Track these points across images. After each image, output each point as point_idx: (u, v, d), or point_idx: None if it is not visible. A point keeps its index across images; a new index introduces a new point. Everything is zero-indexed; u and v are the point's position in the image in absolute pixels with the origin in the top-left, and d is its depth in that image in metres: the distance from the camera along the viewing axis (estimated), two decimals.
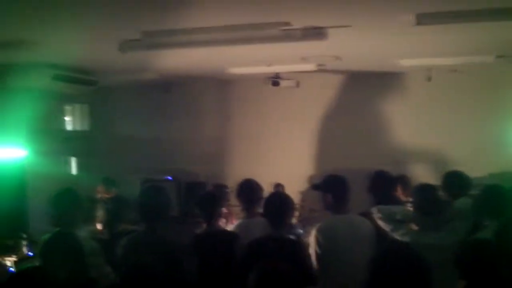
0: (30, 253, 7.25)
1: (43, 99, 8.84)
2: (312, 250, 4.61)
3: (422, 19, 5.30)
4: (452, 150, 9.40)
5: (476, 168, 8.81)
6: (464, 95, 9.68)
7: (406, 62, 8.29)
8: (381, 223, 4.79)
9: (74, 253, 4.27)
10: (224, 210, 6.83)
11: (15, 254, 7.35)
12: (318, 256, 4.55)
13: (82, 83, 8.37)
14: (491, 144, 9.43)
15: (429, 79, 9.21)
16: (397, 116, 9.95)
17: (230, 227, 5.36)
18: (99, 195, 8.09)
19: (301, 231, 7.01)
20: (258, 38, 5.89)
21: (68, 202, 4.53)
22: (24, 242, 7.51)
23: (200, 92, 10.63)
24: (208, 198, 5.08)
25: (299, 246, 4.65)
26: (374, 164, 8.45)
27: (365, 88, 10.08)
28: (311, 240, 4.67)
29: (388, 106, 10.02)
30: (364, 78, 9.91)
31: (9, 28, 5.35)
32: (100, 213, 7.01)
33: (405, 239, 4.50)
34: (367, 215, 5.05)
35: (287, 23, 5.43)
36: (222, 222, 5.73)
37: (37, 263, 4.50)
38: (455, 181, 5.45)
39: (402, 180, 6.88)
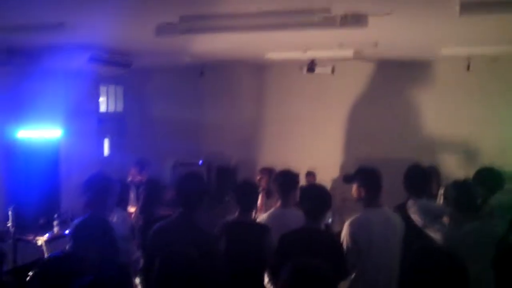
0: (62, 233, 7.30)
1: (79, 80, 8.91)
2: (345, 243, 4.54)
3: (466, 8, 5.13)
4: (490, 142, 9.22)
5: None
6: (504, 85, 9.46)
7: (446, 51, 8.10)
8: (415, 217, 4.69)
9: (105, 237, 4.28)
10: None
11: (47, 233, 7.43)
12: (350, 250, 4.48)
13: (117, 65, 8.38)
14: None
15: (468, 68, 9.02)
16: (434, 106, 9.77)
17: (263, 216, 5.29)
18: (131, 178, 8.10)
19: (330, 220, 6.95)
20: (296, 24, 5.77)
21: (100, 186, 4.52)
22: (56, 222, 7.58)
23: (234, 76, 10.59)
24: (246, 187, 5.00)
25: (334, 240, 4.58)
26: (408, 153, 8.35)
27: (401, 76, 9.91)
28: (344, 234, 4.60)
29: (424, 95, 9.84)
30: (401, 66, 9.73)
31: (48, 11, 5.33)
32: (132, 196, 7.04)
33: (439, 234, 4.39)
34: (401, 208, 4.95)
35: (326, 10, 5.31)
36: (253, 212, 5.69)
37: (68, 246, 4.52)
38: (489, 177, 5.31)
39: (435, 172, 6.76)
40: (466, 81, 9.38)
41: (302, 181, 5.84)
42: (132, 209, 6.74)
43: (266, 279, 4.71)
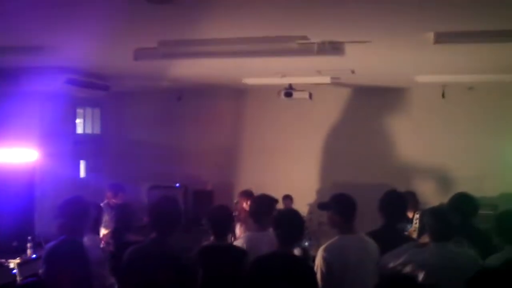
0: (34, 256, 7.21)
1: (56, 102, 8.87)
2: (319, 269, 4.53)
3: (441, 38, 5.24)
4: (464, 168, 9.34)
5: (488, 187, 8.80)
6: (479, 113, 9.63)
7: (421, 79, 8.24)
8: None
9: (79, 261, 4.23)
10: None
11: (19, 256, 7.32)
12: (324, 276, 4.47)
13: (94, 88, 8.35)
14: (504, 164, 9.36)
15: (443, 95, 9.18)
16: (409, 132, 9.90)
17: (239, 240, 5.29)
18: (107, 200, 8.06)
19: (307, 243, 6.95)
20: (275, 51, 5.84)
21: (75, 210, 4.48)
22: (29, 244, 7.48)
23: (212, 101, 10.62)
24: (220, 212, 4.99)
25: (307, 265, 4.58)
26: (384, 179, 8.43)
27: (377, 103, 10.05)
28: (318, 259, 4.60)
29: (400, 122, 9.97)
30: (377, 92, 9.87)
31: (27, 33, 5.33)
32: (106, 220, 6.99)
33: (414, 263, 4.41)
34: (376, 234, 4.95)
35: (304, 37, 5.38)
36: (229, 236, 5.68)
37: (41, 269, 4.46)
38: (464, 203, 5.37)
39: (411, 197, 6.81)
40: (441, 108, 9.53)
41: (280, 205, 5.86)
42: (105, 231, 6.71)
43: None
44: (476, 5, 4.25)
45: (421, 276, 4.08)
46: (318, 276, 4.46)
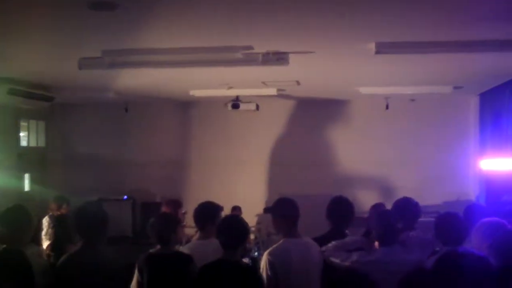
0: None
1: None
2: (264, 273, 4.56)
3: (382, 48, 5.39)
4: (406, 178, 9.57)
5: (429, 196, 9.03)
6: (420, 124, 9.90)
7: (365, 90, 8.42)
8: (333, 257, 4.78)
9: (22, 271, 4.16)
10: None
11: None
12: (269, 280, 4.51)
13: (38, 99, 8.23)
14: (447, 173, 9.64)
15: (387, 107, 9.40)
16: (354, 143, 10.09)
17: (183, 247, 5.28)
18: (50, 212, 7.95)
19: (256, 253, 7.00)
20: (220, 61, 5.89)
21: (17, 219, 4.39)
22: None
23: (159, 113, 10.59)
24: (163, 220, 4.99)
25: (251, 271, 4.61)
26: (329, 189, 8.54)
27: (323, 114, 10.24)
28: (263, 263, 4.64)
29: (345, 132, 10.15)
30: (322, 104, 10.05)
31: None
32: (49, 231, 6.89)
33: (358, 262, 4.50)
34: (321, 239, 5.02)
35: (249, 47, 5.45)
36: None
37: None
38: (407, 208, 5.53)
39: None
40: (384, 119, 9.75)
41: None
42: (47, 244, 6.63)
43: None
44: (415, 15, 4.40)
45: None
46: (264, 280, 4.50)
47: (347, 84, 8.16)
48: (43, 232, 7.69)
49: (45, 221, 7.98)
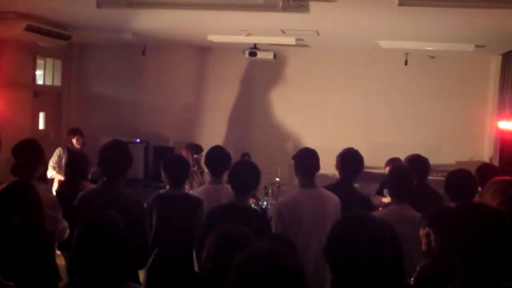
0: None
1: (16, 50, 8.68)
2: (274, 222, 4.58)
3: (405, 0, 5.28)
4: (422, 136, 9.52)
5: (445, 155, 9.00)
6: (439, 82, 9.78)
7: (384, 44, 8.29)
8: None
9: (31, 203, 4.20)
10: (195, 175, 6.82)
11: None
12: (279, 229, 4.51)
13: (56, 37, 8.18)
14: (462, 132, 9.57)
15: (406, 63, 9.26)
16: (370, 97, 10.00)
17: (195, 192, 5.31)
18: (70, 145, 8.20)
19: (265, 203, 7.03)
20: (239, 5, 5.81)
21: (29, 152, 4.44)
22: None
23: (176, 57, 10.52)
24: (176, 161, 5.01)
25: (261, 216, 4.62)
26: (343, 142, 8.50)
27: (340, 67, 10.10)
28: (273, 212, 4.66)
29: (362, 86, 10.04)
30: (340, 57, 9.94)
31: None
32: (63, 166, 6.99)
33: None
34: (336, 187, 5.00)
35: None
36: (186, 188, 5.70)
37: None
38: (417, 165, 5.53)
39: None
40: (403, 75, 9.65)
41: None
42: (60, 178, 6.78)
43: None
44: None
45: None
46: (274, 229, 4.51)
47: (367, 37, 8.02)
48: (51, 161, 7.86)
49: (58, 151, 8.14)
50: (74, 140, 8.43)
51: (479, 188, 4.70)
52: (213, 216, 4.29)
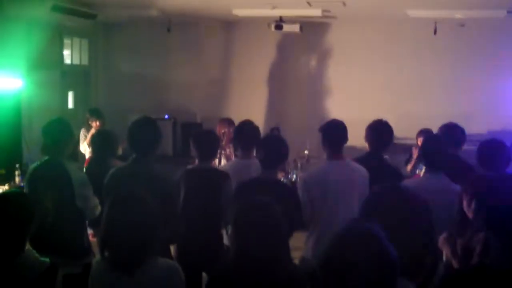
0: (22, 184, 7.23)
1: (42, 30, 8.72)
2: (301, 195, 4.55)
3: None
4: (453, 105, 9.36)
5: (476, 124, 8.84)
6: (470, 50, 9.59)
7: (413, 13, 8.14)
8: None
9: (61, 181, 4.25)
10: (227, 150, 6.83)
11: (8, 183, 7.36)
12: (305, 201, 4.49)
13: (81, 16, 8.20)
14: (493, 102, 9.40)
15: (435, 32, 9.09)
16: (399, 67, 9.85)
17: (224, 166, 5.31)
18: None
19: (294, 176, 7.02)
20: None
21: (58, 131, 4.47)
22: (17, 172, 7.50)
23: (201, 33, 10.49)
24: (205, 135, 5.01)
25: (289, 189, 4.61)
26: (372, 114, 8.42)
27: (368, 38, 9.95)
28: (299, 184, 4.64)
29: (391, 56, 9.89)
30: (368, 28, 9.78)
31: None
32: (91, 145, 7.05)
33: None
34: (364, 159, 4.95)
35: None
36: (214, 162, 5.70)
37: (25, 191, 4.48)
38: (452, 133, 5.45)
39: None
40: (432, 44, 9.47)
41: None
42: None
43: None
44: None
45: None
46: (301, 200, 4.49)
47: (395, 6, 7.89)
48: (80, 146, 7.96)
49: (82, 134, 8.23)
50: (93, 124, 8.30)
51: None
52: (241, 190, 4.29)
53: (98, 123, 8.25)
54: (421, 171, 5.69)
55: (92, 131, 7.96)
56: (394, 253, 2.02)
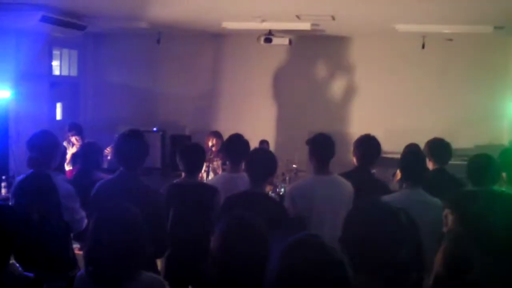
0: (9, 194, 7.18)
1: (31, 41, 8.70)
2: (287, 207, 4.54)
3: None
4: (440, 119, 9.41)
5: (463, 138, 8.89)
6: (457, 65, 9.66)
7: (401, 28, 8.19)
8: None
9: (48, 194, 4.21)
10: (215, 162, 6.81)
11: None
12: (291, 212, 4.48)
13: (71, 27, 8.18)
14: (481, 116, 9.46)
15: (423, 46, 9.14)
16: (387, 82, 9.90)
17: (212, 179, 5.30)
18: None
19: (282, 190, 7.01)
20: None
21: (45, 144, 4.44)
22: (3, 184, 7.46)
23: (191, 46, 10.50)
24: (191, 148, 5.00)
25: (276, 203, 4.60)
26: (359, 127, 8.45)
27: (356, 52, 10.02)
28: (286, 198, 4.64)
29: (379, 72, 9.94)
30: (356, 42, 9.85)
31: None
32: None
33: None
34: (350, 174, 4.96)
35: None
36: (202, 176, 5.69)
37: (10, 203, 4.44)
38: (438, 149, 5.46)
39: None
40: (420, 59, 9.53)
41: None
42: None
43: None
44: None
45: None
46: (288, 213, 4.48)
47: (383, 21, 7.93)
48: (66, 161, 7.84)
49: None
50: (73, 139, 8.01)
51: (503, 175, 4.66)
52: (229, 204, 4.28)
53: (77, 138, 8.03)
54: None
55: (74, 149, 7.83)
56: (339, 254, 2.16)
